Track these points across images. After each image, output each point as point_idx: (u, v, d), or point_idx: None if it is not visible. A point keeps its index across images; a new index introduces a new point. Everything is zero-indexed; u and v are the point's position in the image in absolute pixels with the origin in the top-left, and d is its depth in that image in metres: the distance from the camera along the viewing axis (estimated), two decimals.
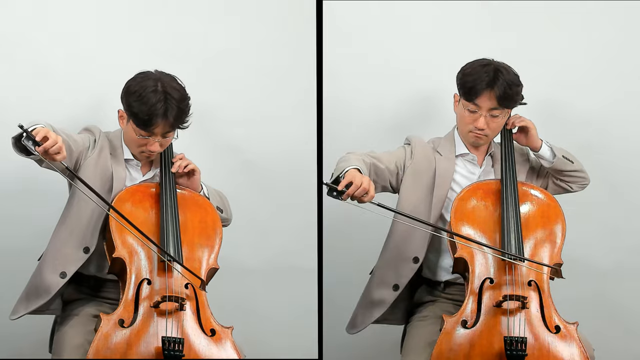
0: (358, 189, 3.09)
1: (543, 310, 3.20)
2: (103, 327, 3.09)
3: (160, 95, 3.19)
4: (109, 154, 3.31)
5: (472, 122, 3.35)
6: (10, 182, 3.75)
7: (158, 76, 3.26)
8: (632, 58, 3.96)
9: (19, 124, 2.91)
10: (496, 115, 3.33)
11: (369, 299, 3.43)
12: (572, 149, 3.50)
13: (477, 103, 3.31)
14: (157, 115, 3.19)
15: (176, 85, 3.26)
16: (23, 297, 3.29)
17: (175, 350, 3.07)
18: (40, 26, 3.75)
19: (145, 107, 3.18)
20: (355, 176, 3.11)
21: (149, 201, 3.27)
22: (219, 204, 3.43)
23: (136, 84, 3.24)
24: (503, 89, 3.28)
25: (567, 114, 3.95)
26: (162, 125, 3.22)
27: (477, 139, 3.38)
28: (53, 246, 3.26)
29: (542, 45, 3.96)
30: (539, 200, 3.36)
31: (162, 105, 3.19)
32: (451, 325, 3.19)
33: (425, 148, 3.43)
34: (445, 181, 3.38)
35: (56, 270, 3.24)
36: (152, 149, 3.27)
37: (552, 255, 3.28)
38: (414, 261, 3.37)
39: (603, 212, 3.90)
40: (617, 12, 3.93)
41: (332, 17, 3.91)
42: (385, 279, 3.40)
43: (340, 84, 3.96)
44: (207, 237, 3.30)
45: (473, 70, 3.33)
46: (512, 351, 3.11)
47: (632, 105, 3.96)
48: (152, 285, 3.17)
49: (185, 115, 3.26)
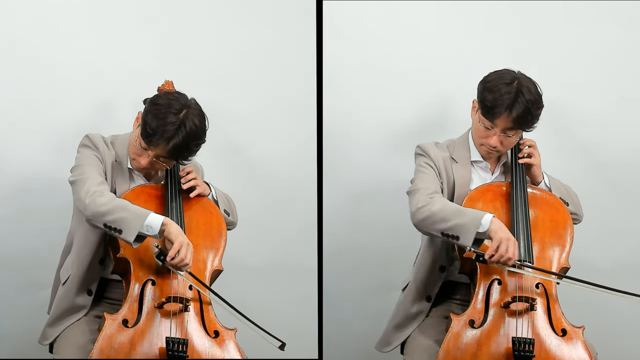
0: (503, 258, 3.09)
1: (550, 312, 3.21)
2: (107, 327, 3.09)
3: (178, 121, 3.11)
4: (114, 163, 3.28)
5: (485, 138, 3.29)
6: (10, 181, 3.74)
7: (188, 103, 3.17)
8: (632, 58, 3.96)
9: (155, 244, 3.07)
10: (510, 135, 3.28)
11: (407, 314, 3.39)
12: (572, 149, 3.51)
13: (495, 122, 3.25)
14: (163, 137, 3.11)
15: (198, 122, 3.15)
16: (53, 322, 3.28)
17: (180, 351, 3.07)
18: (41, 26, 3.74)
19: (156, 122, 3.11)
20: (502, 240, 3.08)
21: (154, 202, 3.26)
22: (226, 208, 3.42)
23: (165, 97, 3.18)
24: (521, 112, 3.20)
25: (567, 114, 3.96)
26: (161, 148, 3.15)
27: (488, 154, 3.35)
28: (81, 269, 3.25)
29: (543, 45, 3.96)
30: (548, 203, 3.36)
31: (173, 130, 3.12)
32: (459, 325, 3.18)
33: (441, 158, 3.37)
34: (464, 189, 3.35)
35: (84, 290, 3.26)
36: (142, 163, 3.21)
37: (560, 259, 3.28)
38: (440, 270, 3.36)
39: (603, 212, 3.91)
40: (619, 12, 3.94)
41: (332, 17, 3.90)
42: (421, 292, 3.37)
43: (340, 83, 3.95)
44: (211, 239, 3.29)
45: (495, 88, 3.22)
46: (521, 352, 3.12)
47: (632, 106, 3.97)
48: (157, 286, 3.16)
49: (189, 155, 3.19)
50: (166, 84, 3.43)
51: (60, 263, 3.38)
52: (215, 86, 3.86)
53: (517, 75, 3.26)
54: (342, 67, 3.95)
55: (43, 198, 3.74)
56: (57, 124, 3.74)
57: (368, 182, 3.98)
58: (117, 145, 3.31)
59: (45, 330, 3.31)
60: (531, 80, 3.27)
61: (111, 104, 3.76)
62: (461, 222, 3.09)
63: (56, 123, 3.74)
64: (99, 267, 3.27)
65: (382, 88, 3.97)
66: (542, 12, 3.95)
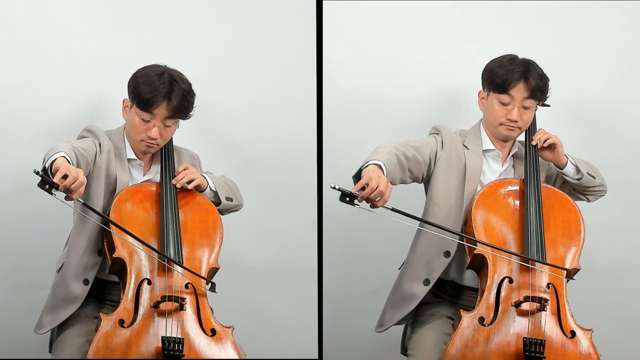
0: (373, 192, 3.01)
1: (560, 314, 3.20)
2: (103, 327, 3.09)
3: (166, 79, 3.25)
4: (113, 156, 3.31)
5: (504, 115, 3.34)
6: (11, 181, 3.75)
7: (165, 67, 3.31)
8: (634, 58, 3.96)
9: (34, 169, 2.92)
10: (528, 107, 3.34)
11: (400, 293, 3.38)
12: (572, 149, 3.50)
13: (511, 94, 3.32)
14: (160, 94, 3.22)
15: (183, 77, 3.31)
16: (49, 310, 3.29)
17: (175, 350, 3.07)
18: (40, 25, 3.75)
19: (149, 87, 3.22)
20: (372, 177, 3.03)
21: (149, 201, 3.27)
22: (228, 194, 3.43)
23: (143, 69, 3.30)
24: (536, 80, 3.32)
25: (566, 114, 3.95)
26: (163, 107, 3.23)
27: (509, 131, 3.36)
28: (73, 256, 3.26)
29: (543, 45, 3.96)
30: (561, 202, 3.35)
31: (165, 87, 3.23)
32: (468, 322, 3.17)
33: (455, 139, 3.40)
34: (475, 175, 3.36)
35: (79, 279, 3.26)
36: (152, 135, 3.25)
37: (572, 260, 3.28)
38: (445, 255, 3.33)
39: (602, 212, 3.89)
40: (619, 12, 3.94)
41: (332, 17, 3.90)
42: (417, 273, 3.35)
43: (340, 83, 3.95)
44: (207, 237, 3.29)
45: (503, 64, 3.35)
46: (531, 353, 3.11)
47: (632, 105, 3.96)
48: (152, 285, 3.16)
49: (188, 105, 3.29)
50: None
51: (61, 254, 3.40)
52: (214, 86, 3.86)
53: (516, 55, 3.39)
54: (342, 67, 3.95)
55: (43, 198, 3.73)
56: (56, 123, 3.75)
57: None
58: (113, 137, 3.34)
59: (42, 317, 3.31)
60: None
61: (110, 103, 3.76)
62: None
63: (55, 122, 3.75)
64: (95, 257, 3.27)
65: (382, 88, 3.98)
66: (542, 12, 3.95)
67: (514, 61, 3.35)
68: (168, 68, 3.31)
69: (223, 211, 3.42)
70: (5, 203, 3.75)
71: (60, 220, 3.61)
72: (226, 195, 3.41)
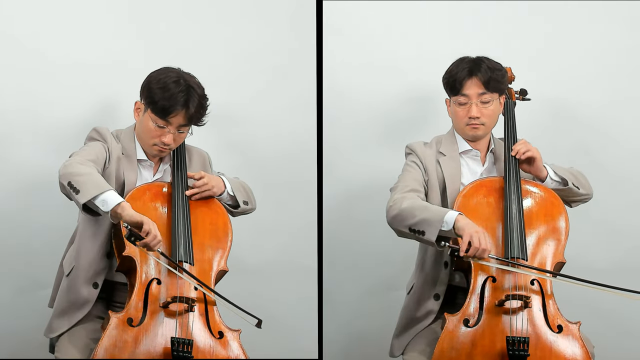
0: (478, 251, 3.11)
1: (545, 309, 3.21)
2: (111, 326, 3.08)
3: (183, 87, 3.23)
4: (122, 158, 3.29)
5: (465, 115, 3.37)
6: (11, 181, 3.73)
7: (180, 72, 3.30)
8: (632, 58, 3.98)
9: (125, 224, 2.99)
10: (487, 101, 3.36)
11: (411, 317, 3.39)
12: (571, 149, 3.52)
13: (465, 92, 3.36)
14: (178, 103, 3.21)
15: (197, 81, 3.31)
16: (59, 315, 3.28)
17: (184, 352, 3.06)
18: (41, 26, 3.74)
19: (167, 94, 3.21)
20: (472, 235, 3.09)
21: (160, 200, 3.26)
22: (244, 198, 3.44)
23: (159, 74, 3.28)
24: (486, 73, 3.35)
25: (566, 114, 3.97)
26: (180, 115, 3.23)
27: (474, 130, 3.39)
28: (84, 261, 3.25)
29: (543, 45, 3.98)
30: (542, 197, 3.35)
31: (184, 95, 3.22)
32: (453, 323, 3.18)
33: (428, 155, 3.43)
34: (454, 180, 3.39)
35: (89, 282, 3.25)
36: (166, 141, 3.25)
37: (555, 253, 3.28)
38: (445, 266, 3.36)
39: (602, 212, 3.92)
40: (619, 12, 3.96)
41: (332, 17, 3.90)
42: (426, 293, 3.37)
43: (340, 83, 3.96)
44: (217, 240, 3.29)
45: (453, 66, 3.41)
46: (515, 351, 3.12)
47: (632, 106, 3.98)
48: (162, 286, 3.15)
49: (203, 112, 3.29)
50: None
51: (64, 254, 3.37)
52: (214, 86, 3.82)
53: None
54: (342, 67, 3.96)
55: (43, 198, 3.73)
56: (58, 123, 3.74)
57: (368, 181, 3.98)
58: (122, 138, 3.33)
59: (52, 321, 3.29)
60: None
61: (112, 104, 3.75)
62: (426, 217, 3.15)
63: (57, 123, 3.74)
64: (105, 260, 3.26)
65: (382, 87, 3.98)
66: (541, 12, 3.96)
67: (462, 60, 3.40)
68: (182, 72, 3.30)
69: (235, 213, 3.41)
70: (6, 203, 3.73)
71: (61, 220, 3.60)
72: (243, 199, 3.42)
